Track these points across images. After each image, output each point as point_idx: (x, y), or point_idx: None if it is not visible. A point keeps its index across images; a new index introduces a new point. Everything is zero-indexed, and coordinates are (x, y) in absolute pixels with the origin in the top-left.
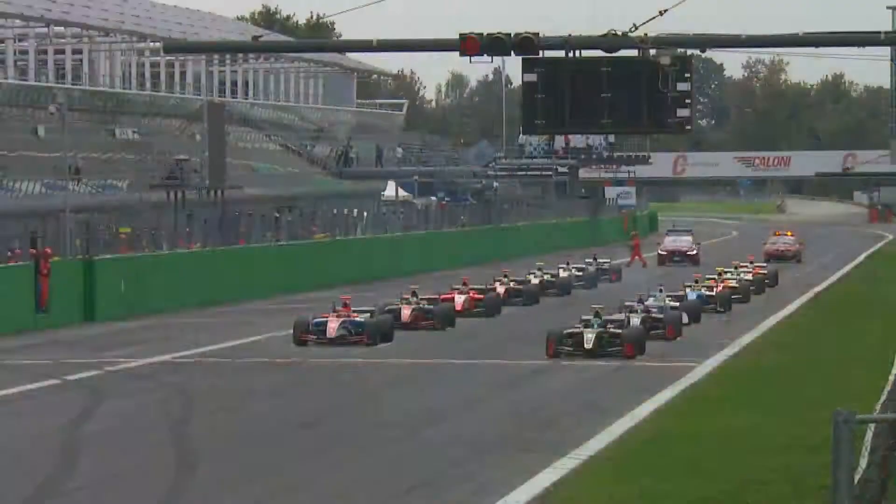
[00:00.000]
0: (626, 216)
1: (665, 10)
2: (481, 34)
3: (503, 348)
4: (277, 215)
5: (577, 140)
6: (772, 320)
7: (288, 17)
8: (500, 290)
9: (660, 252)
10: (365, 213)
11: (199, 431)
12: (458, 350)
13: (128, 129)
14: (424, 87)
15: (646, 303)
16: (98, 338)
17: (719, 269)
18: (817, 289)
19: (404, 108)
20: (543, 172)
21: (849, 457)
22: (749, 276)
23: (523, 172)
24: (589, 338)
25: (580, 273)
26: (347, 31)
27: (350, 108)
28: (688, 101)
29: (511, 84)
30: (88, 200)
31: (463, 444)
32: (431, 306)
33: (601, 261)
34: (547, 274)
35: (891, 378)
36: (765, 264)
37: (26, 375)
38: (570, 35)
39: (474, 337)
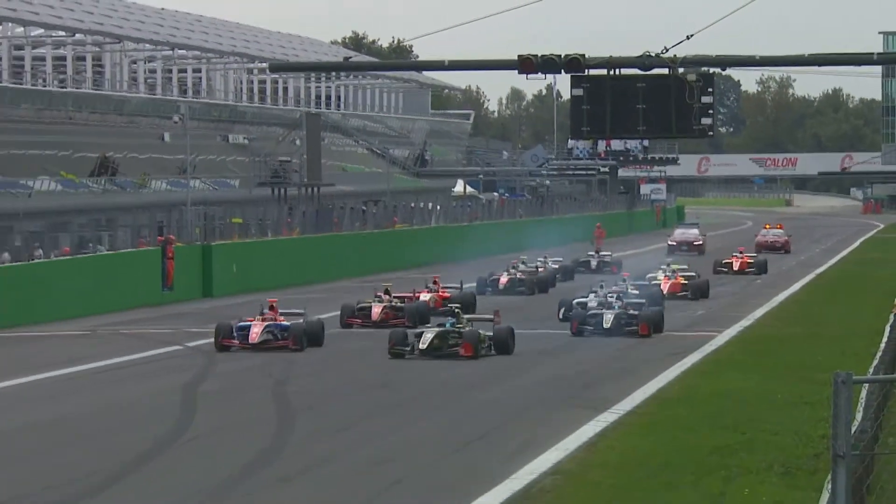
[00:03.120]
0: (658, 208)
1: (691, 35)
2: (536, 56)
3: None
4: (364, 208)
5: (617, 144)
6: (781, 296)
7: (373, 41)
8: (504, 279)
9: (669, 243)
10: (438, 207)
11: (296, 390)
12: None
13: (239, 135)
14: (488, 99)
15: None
16: (214, 311)
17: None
18: (818, 270)
19: (471, 118)
20: (588, 172)
21: (846, 412)
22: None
23: (571, 172)
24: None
25: (556, 266)
26: (423, 52)
27: (425, 118)
28: (710, 111)
29: (561, 97)
30: (206, 195)
31: (508, 406)
32: (402, 304)
33: (604, 253)
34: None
35: (881, 345)
36: (755, 254)
37: (152, 343)
38: (611, 56)
39: None
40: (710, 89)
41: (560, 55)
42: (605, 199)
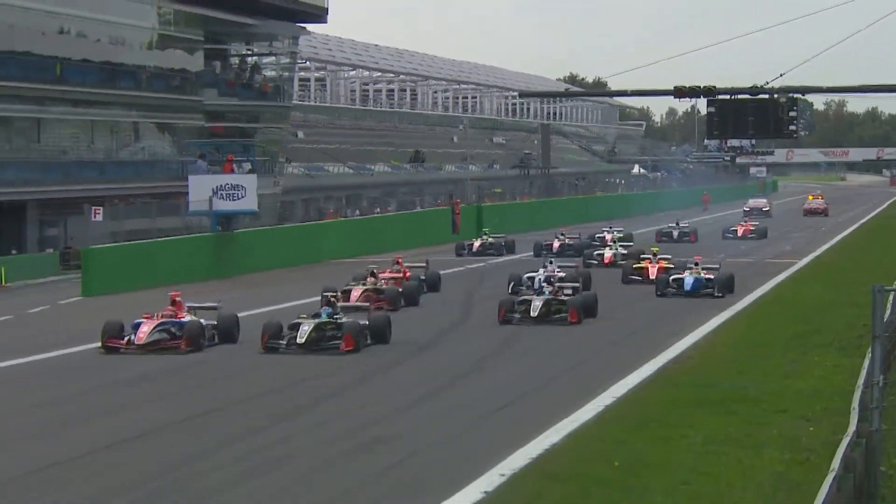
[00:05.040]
0: (760, 183)
1: (783, 74)
2: (685, 86)
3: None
4: (576, 182)
5: (734, 142)
6: (835, 240)
7: (583, 78)
8: (556, 245)
9: (744, 209)
10: (622, 181)
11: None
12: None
13: (500, 137)
14: (654, 114)
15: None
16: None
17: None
18: (863, 220)
19: (643, 126)
20: (716, 160)
21: (881, 309)
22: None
23: (707, 160)
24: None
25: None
26: (613, 84)
27: (614, 126)
28: (794, 121)
29: (699, 112)
30: (479, 174)
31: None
32: (385, 287)
33: (682, 224)
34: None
35: None
36: (756, 223)
37: (449, 265)
38: (732, 87)
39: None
40: (794, 107)
41: (700, 86)
42: (727, 176)
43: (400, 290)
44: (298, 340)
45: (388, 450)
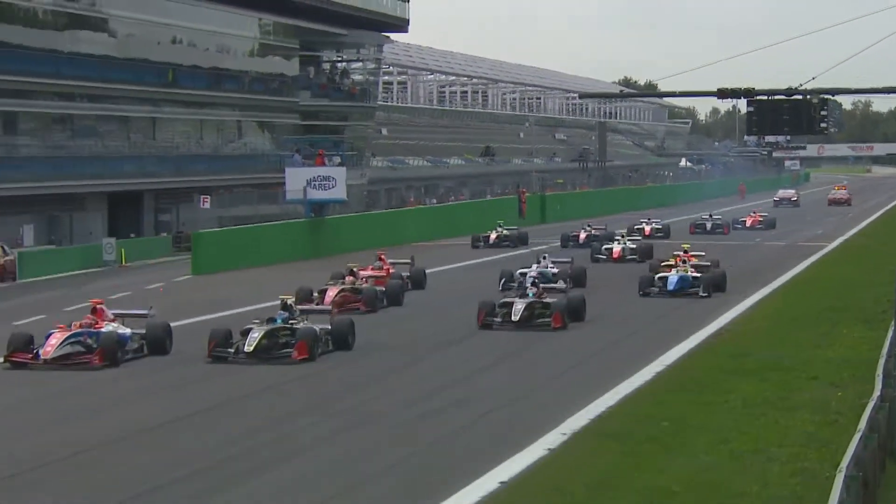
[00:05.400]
0: (794, 174)
1: (815, 77)
2: (727, 88)
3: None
4: (630, 174)
5: (771, 138)
6: (861, 226)
7: (636, 81)
8: (583, 235)
9: (775, 199)
10: (670, 173)
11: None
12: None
13: (561, 133)
14: (699, 112)
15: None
16: (549, 229)
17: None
18: (886, 208)
19: (689, 123)
20: (755, 154)
21: None
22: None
23: (746, 154)
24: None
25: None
26: (663, 85)
27: (664, 123)
28: (824, 119)
29: (740, 111)
30: (542, 167)
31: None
32: (363, 287)
33: (715, 215)
34: (594, 229)
35: None
36: (765, 214)
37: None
38: (769, 89)
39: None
40: (825, 107)
41: (740, 87)
42: (764, 168)
43: (383, 289)
44: (246, 349)
45: (464, 412)
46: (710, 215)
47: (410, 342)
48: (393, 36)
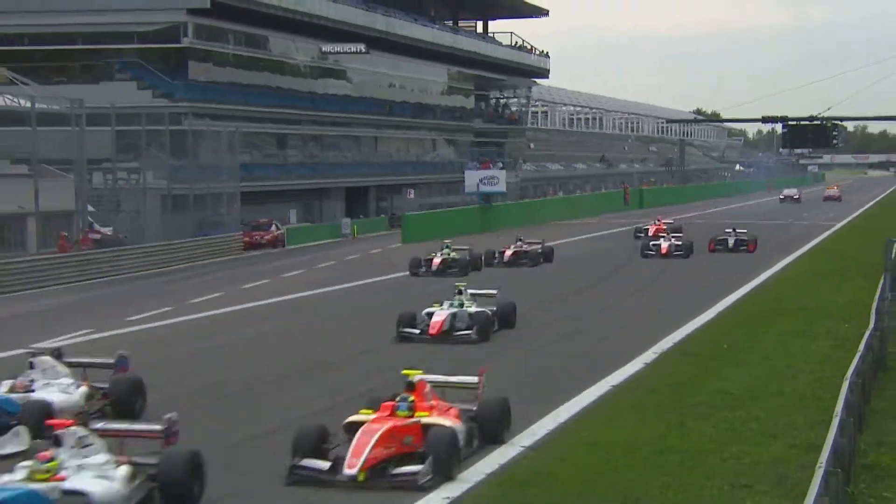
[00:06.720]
0: (814, 175)
1: (829, 108)
2: (768, 115)
3: None
4: (700, 175)
5: (798, 150)
6: (857, 212)
7: (705, 110)
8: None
9: (780, 197)
10: (728, 175)
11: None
12: None
13: (653, 147)
14: (749, 132)
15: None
16: (642, 214)
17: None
18: (878, 198)
19: (741, 140)
20: (787, 161)
21: (891, 252)
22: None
23: (782, 161)
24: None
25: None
26: (724, 114)
27: (724, 141)
28: (836, 137)
29: (777, 131)
30: (640, 170)
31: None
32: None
33: (739, 231)
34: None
35: None
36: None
37: (603, 227)
38: (797, 116)
39: None
40: (836, 129)
41: (777, 115)
42: (794, 171)
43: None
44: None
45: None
46: (734, 230)
47: (560, 287)
48: (539, 80)
